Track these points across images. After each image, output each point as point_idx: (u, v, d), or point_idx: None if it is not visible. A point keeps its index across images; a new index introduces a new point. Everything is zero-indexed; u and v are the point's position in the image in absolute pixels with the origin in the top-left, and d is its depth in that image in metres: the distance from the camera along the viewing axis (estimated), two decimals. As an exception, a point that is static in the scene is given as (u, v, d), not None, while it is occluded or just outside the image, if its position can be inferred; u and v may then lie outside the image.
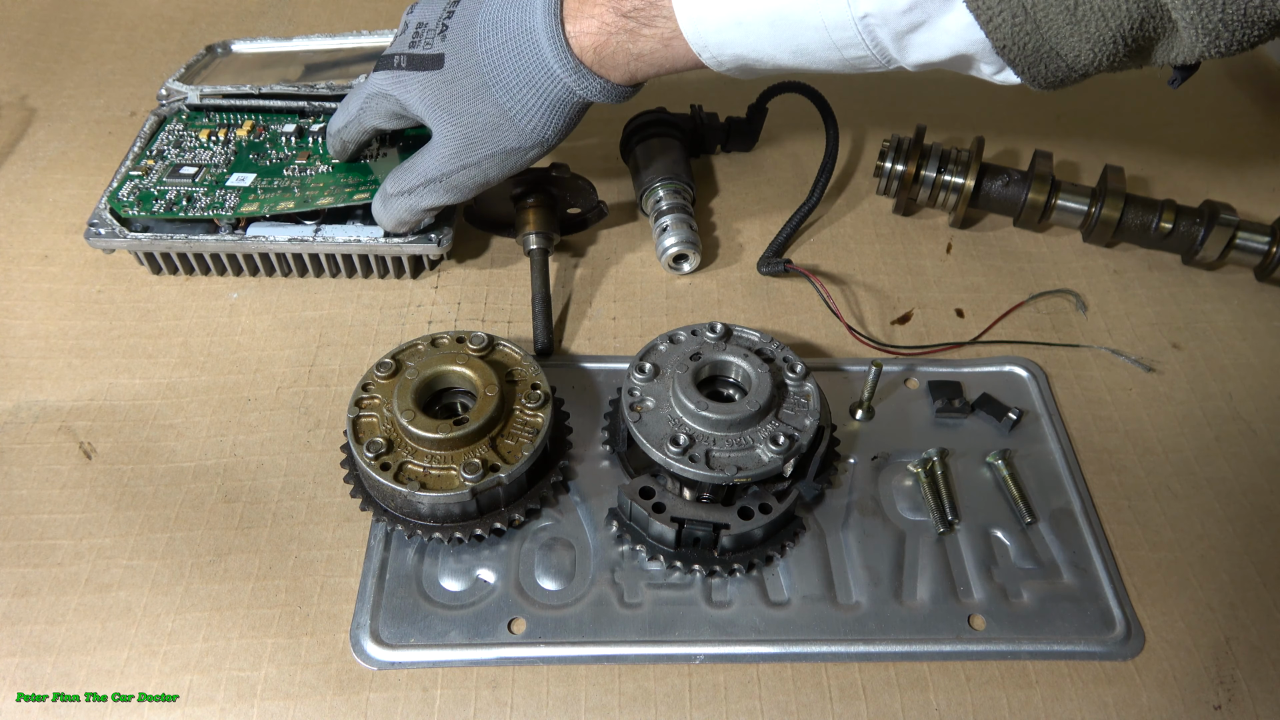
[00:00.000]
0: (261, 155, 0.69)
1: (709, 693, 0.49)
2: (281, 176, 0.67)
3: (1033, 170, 0.70)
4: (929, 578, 0.53)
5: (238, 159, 0.69)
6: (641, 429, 0.52)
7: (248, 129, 0.71)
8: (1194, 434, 0.61)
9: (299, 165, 0.68)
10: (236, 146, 0.69)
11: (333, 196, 0.64)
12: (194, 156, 0.69)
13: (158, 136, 0.71)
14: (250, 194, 0.65)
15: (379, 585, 0.51)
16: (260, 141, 0.70)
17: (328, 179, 0.66)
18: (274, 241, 0.64)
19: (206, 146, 0.70)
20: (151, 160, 0.68)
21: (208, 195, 0.65)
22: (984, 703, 0.49)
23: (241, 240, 0.63)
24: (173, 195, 0.65)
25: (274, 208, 0.63)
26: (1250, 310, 0.69)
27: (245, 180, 0.66)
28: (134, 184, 0.66)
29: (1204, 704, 0.49)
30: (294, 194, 0.65)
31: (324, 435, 0.58)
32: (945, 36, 0.45)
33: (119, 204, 0.64)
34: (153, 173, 0.67)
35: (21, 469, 0.56)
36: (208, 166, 0.68)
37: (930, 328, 0.67)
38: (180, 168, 0.67)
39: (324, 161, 0.68)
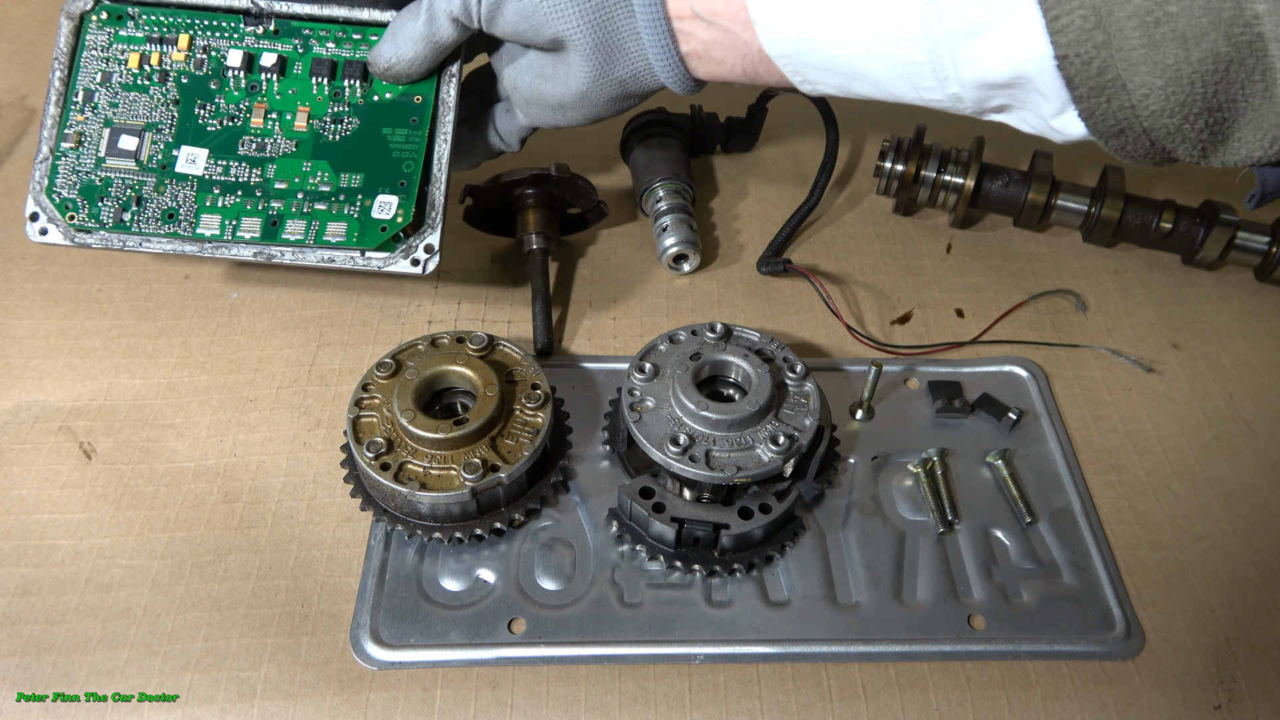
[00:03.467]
0: (208, 105, 0.57)
1: (709, 693, 0.49)
2: (236, 156, 0.56)
3: (1033, 170, 0.70)
4: (929, 578, 0.53)
5: (182, 113, 0.57)
6: (641, 429, 0.52)
7: (185, 47, 0.57)
8: (1194, 434, 0.61)
9: (256, 134, 0.57)
10: (177, 85, 0.57)
11: (303, 220, 0.55)
12: (130, 107, 0.57)
13: (79, 60, 0.57)
14: (206, 192, 0.56)
15: (379, 585, 0.51)
16: (204, 75, 0.57)
17: (291, 166, 0.56)
18: (240, 255, 0.56)
19: (141, 86, 0.57)
20: (81, 115, 0.57)
21: (158, 189, 0.56)
22: (984, 703, 0.49)
23: (201, 251, 0.55)
24: (117, 189, 0.56)
25: (236, 228, 0.55)
26: (1250, 310, 0.69)
27: (196, 160, 0.56)
28: (70, 163, 0.56)
29: (1204, 704, 0.49)
30: (255, 199, 0.56)
31: (324, 435, 0.58)
32: (1007, 45, 0.41)
33: (61, 202, 0.56)
34: (87, 144, 0.56)
35: (21, 469, 0.56)
36: (150, 128, 0.57)
37: (930, 328, 0.67)
38: (119, 135, 0.56)
39: (285, 131, 0.57)
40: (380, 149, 0.56)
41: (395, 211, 0.55)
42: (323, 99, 0.57)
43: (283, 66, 0.58)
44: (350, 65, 0.57)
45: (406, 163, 0.56)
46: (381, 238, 0.55)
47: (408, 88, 0.57)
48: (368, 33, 0.57)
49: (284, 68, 0.58)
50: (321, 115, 0.57)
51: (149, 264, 0.68)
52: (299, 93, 0.57)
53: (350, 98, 0.57)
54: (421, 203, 0.56)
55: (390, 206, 0.55)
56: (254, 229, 0.55)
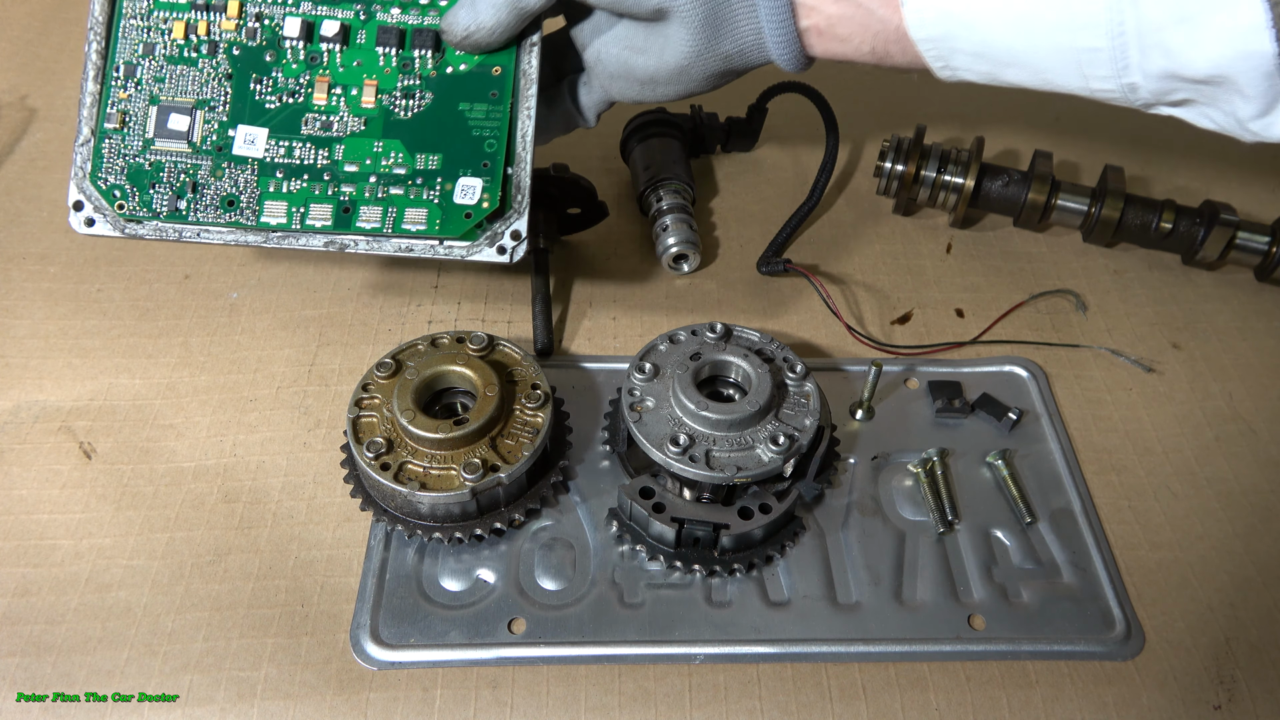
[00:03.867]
0: (264, 80, 0.53)
1: (709, 693, 0.49)
2: (299, 136, 0.52)
3: (1033, 170, 0.70)
4: (929, 578, 0.53)
5: (236, 88, 0.52)
6: (641, 429, 0.52)
7: (235, 14, 0.53)
8: (1194, 434, 0.61)
9: (320, 112, 0.52)
10: (228, 58, 0.53)
11: (378, 206, 0.52)
12: (178, 82, 0.52)
13: (117, 29, 0.53)
14: (268, 176, 0.52)
15: (379, 585, 0.51)
16: (258, 47, 0.53)
17: (361, 147, 0.52)
18: (309, 245, 0.52)
19: (188, 59, 0.53)
20: (124, 91, 0.52)
21: (215, 173, 0.52)
22: (984, 703, 0.49)
23: (266, 241, 0.52)
24: (169, 174, 0.52)
25: (305, 215, 0.52)
26: (1250, 310, 0.69)
27: (255, 140, 0.52)
28: (113, 145, 0.52)
29: (1204, 704, 0.49)
30: (323, 183, 0.52)
31: (324, 435, 0.58)
32: (1215, 39, 0.37)
33: (108, 189, 0.52)
34: (132, 124, 0.52)
35: (21, 469, 0.56)
36: (202, 106, 0.52)
37: (930, 328, 0.67)
38: (168, 114, 0.52)
39: (352, 108, 0.52)
40: (458, 126, 0.52)
41: (480, 196, 0.51)
42: (391, 71, 0.53)
43: (345, 36, 0.53)
44: (420, 34, 0.52)
45: (488, 141, 0.52)
46: (466, 225, 0.51)
47: (484, 58, 0.53)
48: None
49: (347, 37, 0.53)
50: (391, 89, 0.53)
51: (149, 264, 0.68)
52: (364, 65, 0.53)
53: (421, 69, 0.53)
54: (505, 185, 0.52)
55: (474, 190, 0.51)
56: (324, 216, 0.52)
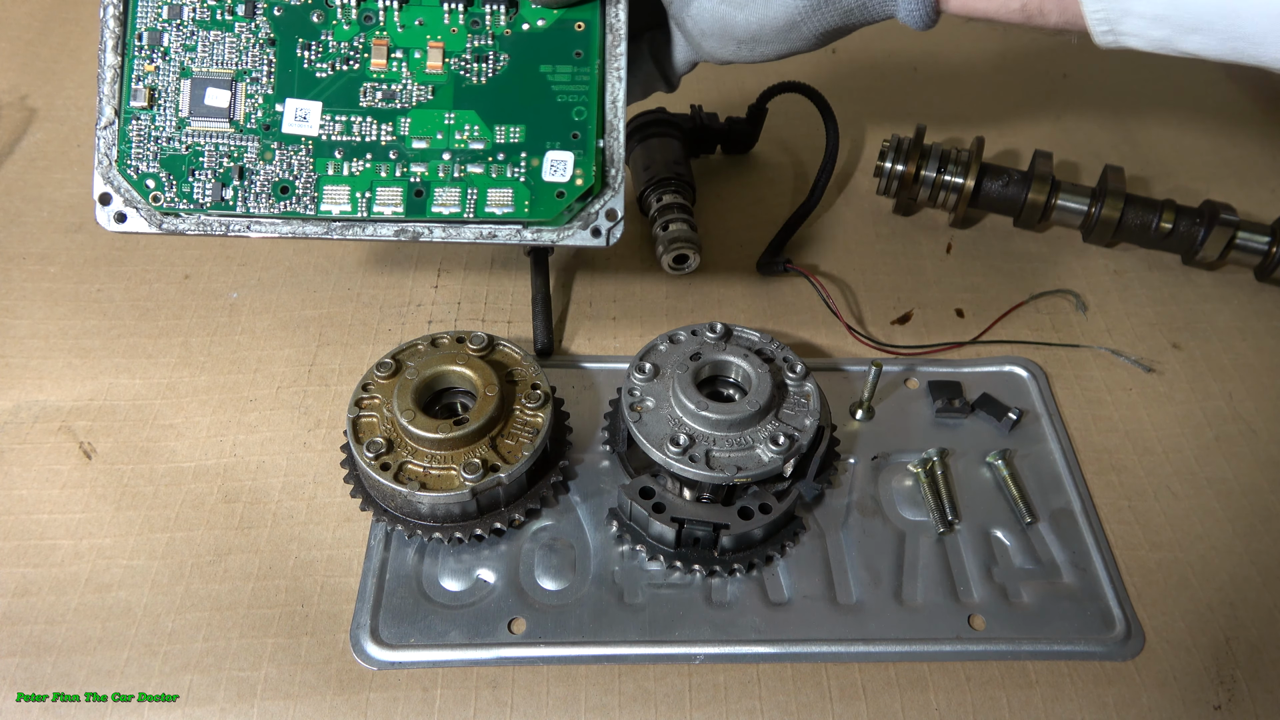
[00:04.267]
0: (313, 45, 0.46)
1: (709, 693, 0.49)
2: (357, 109, 0.46)
3: (1033, 170, 0.70)
4: (929, 578, 0.53)
5: (280, 56, 0.46)
6: (641, 429, 0.52)
7: None
8: (1194, 434, 0.61)
9: (380, 80, 0.46)
10: (269, 20, 0.46)
11: (455, 187, 0.46)
12: (212, 50, 0.46)
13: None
14: (326, 156, 0.45)
15: (379, 585, 0.51)
16: (303, 5, 0.46)
17: (430, 119, 0.46)
18: (379, 235, 0.47)
19: (222, 22, 0.46)
20: (149, 63, 0.45)
21: (264, 156, 0.45)
22: (984, 703, 0.49)
23: (328, 233, 0.46)
24: (211, 158, 0.45)
25: (371, 201, 0.45)
26: (1250, 310, 0.69)
27: (308, 116, 0.46)
28: (142, 127, 0.45)
29: (1204, 704, 0.49)
30: (390, 163, 0.45)
31: (324, 435, 0.58)
32: None
33: (140, 178, 0.45)
34: (163, 101, 0.45)
35: (21, 469, 0.56)
36: (243, 78, 0.46)
37: (930, 328, 0.67)
38: (204, 88, 0.45)
39: (416, 75, 0.46)
40: (540, 92, 0.46)
41: (573, 171, 0.46)
42: (459, 31, 0.47)
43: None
44: None
45: (576, 109, 0.46)
46: (560, 205, 0.46)
47: (565, 13, 0.47)
48: None
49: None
50: (460, 52, 0.46)
51: (149, 264, 0.68)
52: (427, 24, 0.47)
53: (494, 27, 0.47)
54: (599, 158, 0.47)
55: (565, 166, 0.46)
56: (394, 201, 0.46)
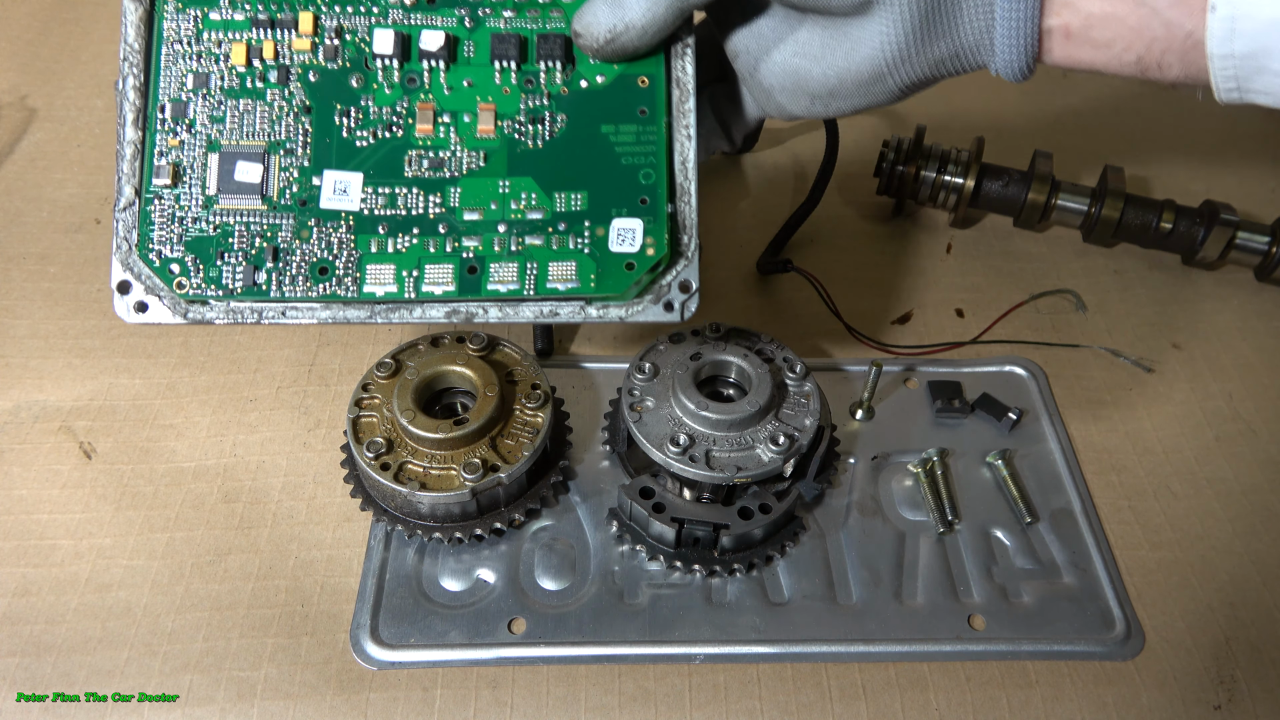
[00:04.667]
0: (352, 111, 0.42)
1: (709, 693, 0.49)
2: (402, 180, 0.42)
3: (1033, 170, 0.70)
4: (929, 578, 0.53)
5: (317, 125, 0.42)
6: (641, 429, 0.52)
7: (309, 30, 0.42)
8: (1194, 434, 0.61)
9: (426, 147, 0.42)
10: (304, 86, 0.42)
11: (513, 262, 0.42)
12: (242, 121, 0.42)
13: (158, 59, 0.42)
14: (368, 233, 0.41)
15: (379, 585, 0.51)
16: (342, 69, 0.42)
17: (482, 188, 0.42)
18: (428, 317, 0.42)
19: (253, 90, 0.42)
20: (174, 137, 0.41)
21: (300, 234, 0.41)
22: (984, 703, 0.49)
23: (372, 317, 0.42)
24: (241, 239, 0.41)
25: (419, 280, 0.41)
26: (1250, 310, 0.69)
27: (348, 188, 0.42)
28: (165, 208, 0.41)
29: (1204, 704, 0.49)
30: (439, 237, 0.41)
31: (324, 435, 0.58)
32: None
33: (163, 264, 0.41)
34: (189, 178, 0.41)
35: (21, 469, 0.56)
36: (276, 149, 0.42)
37: (930, 328, 0.67)
38: (233, 162, 0.41)
39: (466, 140, 0.42)
40: (603, 155, 0.43)
41: (643, 240, 0.42)
42: (511, 91, 0.43)
43: (451, 49, 0.43)
44: (545, 41, 0.43)
45: (644, 171, 0.43)
46: (630, 278, 0.42)
47: (625, 67, 0.43)
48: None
49: (452, 51, 0.43)
50: (513, 114, 0.43)
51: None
52: (476, 84, 0.43)
53: (549, 86, 0.43)
54: (670, 225, 0.43)
55: (634, 234, 0.42)
56: (445, 280, 0.41)
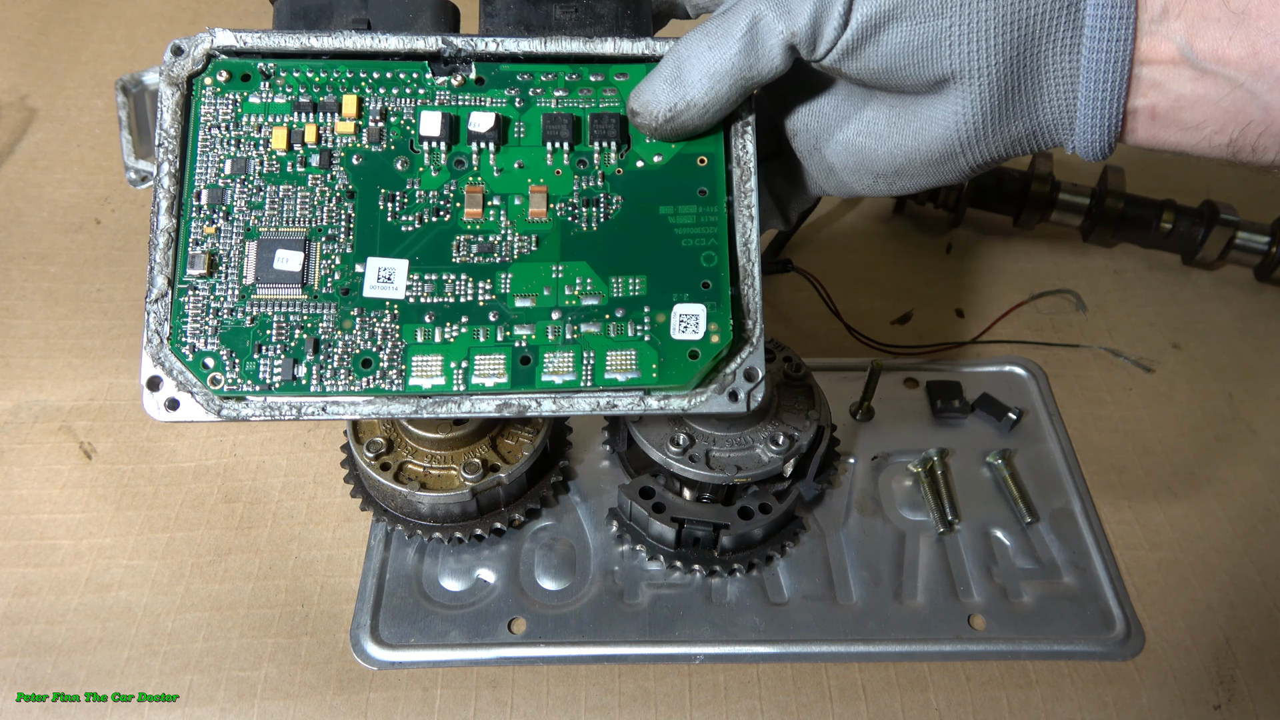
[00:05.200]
0: (397, 195, 0.40)
1: (709, 693, 0.49)
2: (449, 266, 0.39)
3: (1033, 170, 0.70)
4: (929, 578, 0.53)
5: (360, 210, 0.40)
6: (641, 429, 0.52)
7: (353, 113, 0.40)
8: (1194, 434, 0.61)
9: (475, 231, 0.40)
10: (347, 170, 0.40)
11: (568, 351, 0.39)
12: (282, 207, 0.40)
13: (194, 143, 0.40)
14: (414, 322, 0.39)
15: (379, 585, 0.51)
16: (387, 152, 0.40)
17: (535, 274, 0.40)
18: (479, 410, 0.39)
19: (294, 175, 0.40)
20: (210, 225, 0.39)
21: (342, 325, 0.38)
22: (984, 703, 0.49)
23: (419, 411, 0.39)
24: (279, 331, 0.38)
25: (469, 372, 0.38)
26: (1250, 310, 0.69)
27: (392, 276, 0.39)
28: (200, 299, 0.38)
29: (1204, 704, 0.49)
30: (489, 325, 0.39)
31: (324, 435, 0.58)
32: None
33: (196, 358, 0.38)
34: (225, 268, 0.39)
35: (21, 469, 0.56)
36: (317, 236, 0.39)
37: (930, 328, 0.67)
38: (272, 250, 0.39)
39: (517, 224, 0.40)
40: (662, 237, 0.40)
41: (706, 328, 0.39)
42: (564, 172, 0.41)
43: (501, 131, 0.41)
44: (600, 121, 0.41)
45: (706, 254, 0.40)
46: (695, 368, 0.39)
47: (684, 146, 0.41)
48: (611, 72, 0.41)
49: (503, 133, 0.41)
50: (566, 196, 0.40)
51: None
52: (528, 166, 0.41)
53: (603, 166, 0.41)
54: (734, 310, 0.40)
55: (697, 320, 0.40)
56: (496, 371, 0.39)
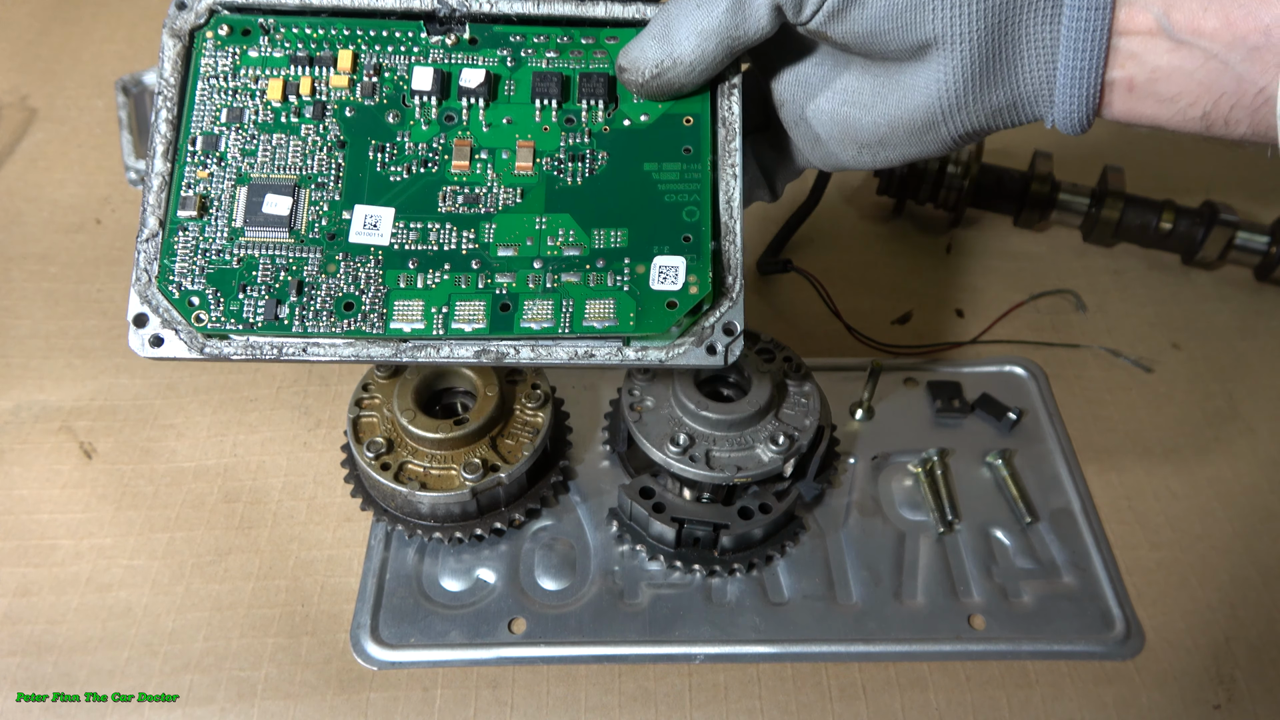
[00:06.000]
0: (387, 146, 0.41)
1: (709, 693, 0.49)
2: (435, 215, 0.41)
3: (1032, 170, 0.70)
4: (929, 578, 0.53)
5: (350, 159, 0.41)
6: (641, 429, 0.52)
7: (348, 67, 0.42)
8: (1194, 434, 0.61)
9: (462, 183, 0.41)
10: (340, 121, 0.41)
11: (548, 299, 0.40)
12: (274, 154, 0.41)
13: (193, 93, 0.41)
14: (397, 268, 0.40)
15: (379, 585, 0.52)
16: (379, 105, 0.42)
17: (518, 224, 0.41)
18: (457, 357, 0.40)
19: (288, 125, 0.41)
20: (203, 169, 0.40)
21: (326, 269, 0.40)
22: (984, 703, 0.49)
23: (397, 354, 0.40)
24: (265, 272, 0.39)
25: (449, 317, 0.39)
26: (1250, 310, 0.69)
27: (378, 223, 0.40)
28: (189, 240, 0.40)
29: (1204, 704, 0.49)
30: (471, 273, 0.40)
31: (324, 435, 0.58)
32: None
33: (182, 296, 0.39)
34: (216, 211, 0.40)
35: (21, 469, 0.56)
36: (307, 183, 0.41)
37: (930, 328, 0.67)
38: (262, 194, 0.40)
39: (503, 177, 0.41)
40: (646, 192, 0.42)
41: (685, 279, 0.40)
42: (551, 129, 0.42)
43: (491, 87, 0.42)
44: (588, 80, 0.42)
45: (688, 209, 0.41)
46: (671, 317, 0.40)
47: (669, 106, 0.42)
48: (603, 35, 0.43)
49: (493, 89, 0.42)
50: (552, 151, 0.42)
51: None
52: (516, 122, 0.42)
53: (590, 124, 0.42)
54: (714, 264, 0.41)
55: (677, 272, 0.40)
56: (476, 317, 0.40)
